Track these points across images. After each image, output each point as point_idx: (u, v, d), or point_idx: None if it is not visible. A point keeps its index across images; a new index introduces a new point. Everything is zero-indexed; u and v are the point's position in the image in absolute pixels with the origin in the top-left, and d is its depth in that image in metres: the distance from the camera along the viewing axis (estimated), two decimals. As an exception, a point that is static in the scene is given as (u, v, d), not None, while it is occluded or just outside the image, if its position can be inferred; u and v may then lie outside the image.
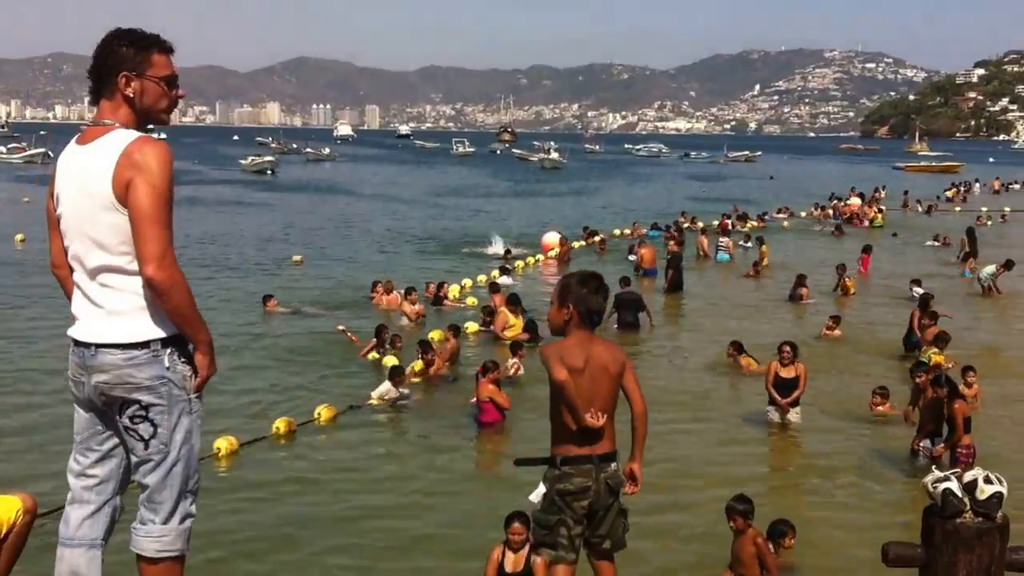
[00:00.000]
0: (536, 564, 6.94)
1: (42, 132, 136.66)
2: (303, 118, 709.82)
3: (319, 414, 11.76)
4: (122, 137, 3.40)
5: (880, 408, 12.03)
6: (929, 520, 3.69)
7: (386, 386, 12.70)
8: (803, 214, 42.21)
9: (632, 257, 25.90)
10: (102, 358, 3.45)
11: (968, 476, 3.70)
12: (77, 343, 3.52)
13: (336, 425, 11.68)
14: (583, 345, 4.23)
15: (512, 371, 13.70)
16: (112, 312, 3.44)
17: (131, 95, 3.44)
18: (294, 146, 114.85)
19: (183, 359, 3.51)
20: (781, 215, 41.05)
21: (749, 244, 29.76)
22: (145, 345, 3.43)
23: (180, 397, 3.52)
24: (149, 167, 3.33)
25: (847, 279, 21.65)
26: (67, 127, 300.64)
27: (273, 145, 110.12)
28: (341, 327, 15.96)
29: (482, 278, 22.89)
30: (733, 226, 33.45)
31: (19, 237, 29.17)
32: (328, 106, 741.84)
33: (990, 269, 21.86)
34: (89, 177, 3.38)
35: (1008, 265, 22.07)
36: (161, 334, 3.45)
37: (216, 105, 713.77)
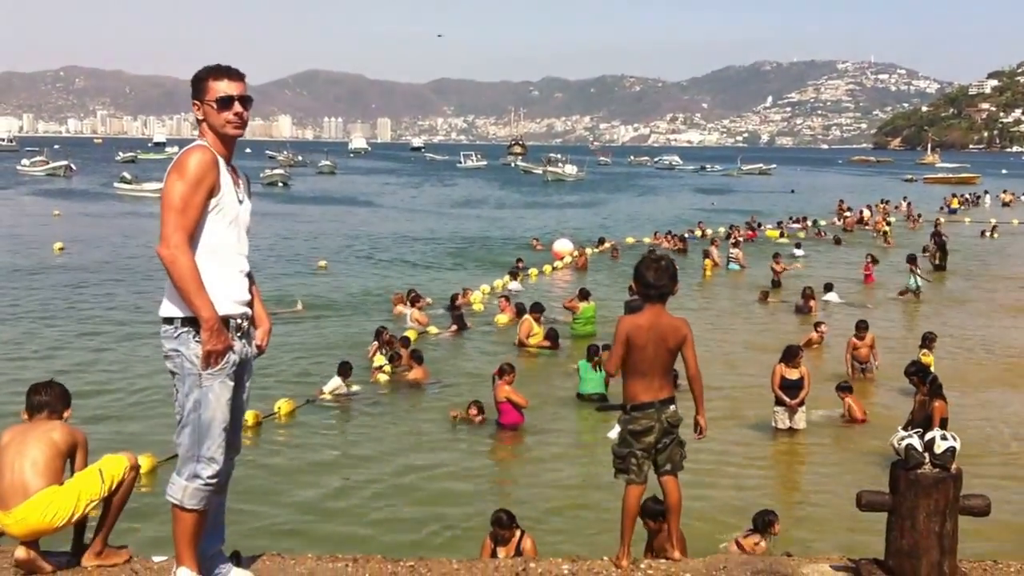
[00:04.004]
0: (526, 548, 7.60)
1: (56, 147, 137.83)
2: (315, 131, 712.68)
3: (279, 408, 12.58)
4: (188, 145, 4.19)
5: (848, 400, 12.75)
6: (895, 471, 4.43)
7: (336, 381, 13.50)
8: (823, 222, 43.00)
9: None
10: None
11: (928, 435, 4.43)
12: None
13: (295, 420, 12.59)
14: (652, 319, 5.05)
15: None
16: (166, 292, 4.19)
17: (200, 117, 4.21)
18: (299, 159, 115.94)
19: (199, 339, 4.06)
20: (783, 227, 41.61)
21: (800, 252, 30.80)
22: (170, 321, 4.10)
23: (190, 371, 4.01)
24: (182, 164, 3.99)
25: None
26: (80, 140, 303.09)
27: (281, 158, 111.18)
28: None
29: (498, 283, 23.90)
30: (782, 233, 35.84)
31: (57, 246, 30.48)
32: (340, 119, 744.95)
33: (913, 280, 23.41)
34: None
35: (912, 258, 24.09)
36: (180, 314, 4.02)
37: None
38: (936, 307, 22.62)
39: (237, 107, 4.13)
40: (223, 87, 4.12)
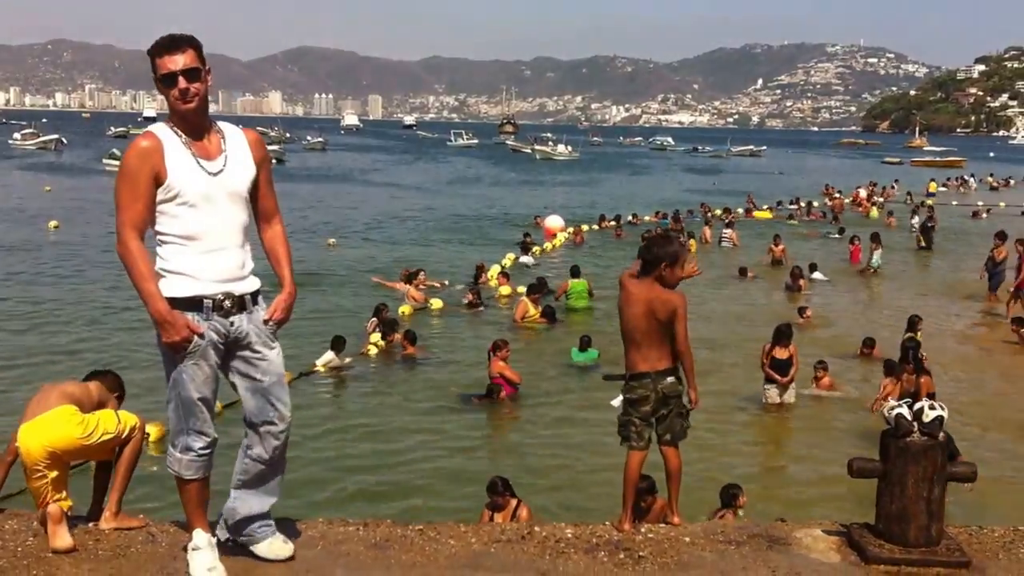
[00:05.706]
0: (521, 516, 7.79)
1: (43, 120, 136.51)
2: (305, 108, 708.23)
3: None
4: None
5: (824, 381, 13.01)
6: (885, 439, 4.61)
7: (329, 355, 13.71)
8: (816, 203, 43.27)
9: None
10: None
11: (917, 405, 4.61)
12: None
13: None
14: (644, 289, 5.19)
15: None
16: None
17: (160, 95, 4.16)
18: (287, 136, 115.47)
19: None
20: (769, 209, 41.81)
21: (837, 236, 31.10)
22: None
23: (166, 351, 4.02)
24: (121, 160, 3.98)
25: None
26: (68, 114, 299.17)
27: (273, 133, 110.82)
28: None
29: (510, 256, 24.68)
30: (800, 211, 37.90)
31: (52, 224, 30.33)
32: (331, 96, 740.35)
33: (877, 257, 24.65)
34: None
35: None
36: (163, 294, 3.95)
37: (218, 94, 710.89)
38: (899, 284, 23.48)
39: (182, 82, 3.92)
40: (164, 63, 3.93)
